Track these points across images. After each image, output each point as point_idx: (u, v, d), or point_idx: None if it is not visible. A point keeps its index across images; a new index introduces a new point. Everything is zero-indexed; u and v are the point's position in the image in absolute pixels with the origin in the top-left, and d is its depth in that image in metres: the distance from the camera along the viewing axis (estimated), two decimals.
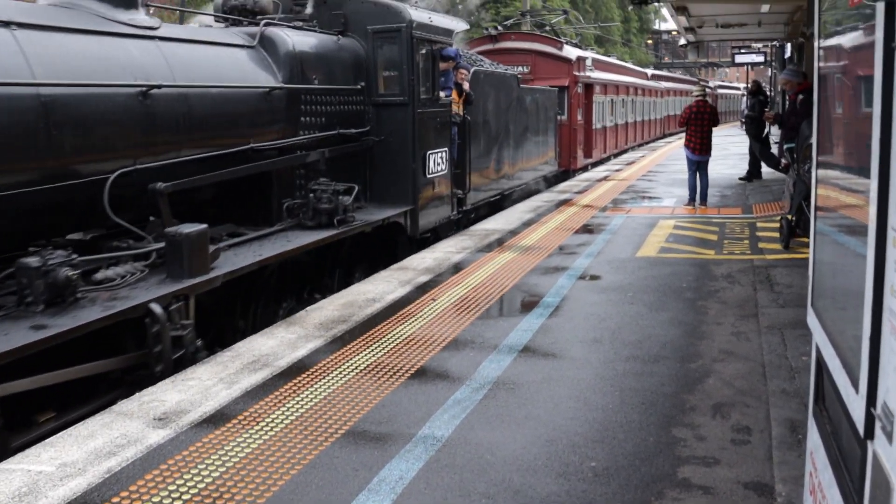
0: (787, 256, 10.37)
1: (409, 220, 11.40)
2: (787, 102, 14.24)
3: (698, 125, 15.10)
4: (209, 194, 8.87)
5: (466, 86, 13.23)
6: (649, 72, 42.43)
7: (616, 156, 29.52)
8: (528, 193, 17.99)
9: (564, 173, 22.25)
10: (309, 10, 11.28)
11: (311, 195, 9.61)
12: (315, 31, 10.72)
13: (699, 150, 15.12)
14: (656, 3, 16.84)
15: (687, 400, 5.61)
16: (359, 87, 11.04)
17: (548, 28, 37.48)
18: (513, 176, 16.73)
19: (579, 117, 23.65)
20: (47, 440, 5.12)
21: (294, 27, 10.31)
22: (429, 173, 11.74)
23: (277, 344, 7.04)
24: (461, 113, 13.08)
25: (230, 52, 9.07)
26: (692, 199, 15.39)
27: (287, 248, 8.61)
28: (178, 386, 6.07)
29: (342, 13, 11.15)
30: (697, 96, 15.57)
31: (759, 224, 12.95)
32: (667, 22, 73.93)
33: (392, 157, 11.33)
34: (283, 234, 9.17)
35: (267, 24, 9.80)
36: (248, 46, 9.39)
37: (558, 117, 20.96)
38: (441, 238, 12.46)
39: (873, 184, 2.13)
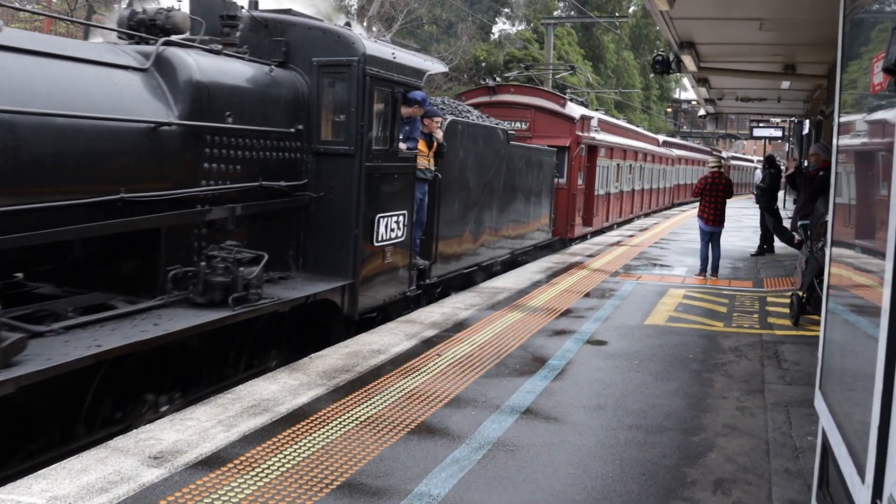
0: (796, 333, 10.30)
1: (346, 296, 9.27)
2: (806, 175, 14.29)
3: (712, 196, 15.14)
4: (81, 253, 7.21)
5: (439, 135, 11.47)
6: (660, 137, 40.48)
7: (619, 225, 27.96)
8: (512, 265, 16.26)
9: (560, 242, 20.69)
10: (239, 33, 9.11)
11: (204, 263, 7.55)
12: (240, 57, 8.65)
13: (712, 221, 15.13)
14: (678, 73, 16.89)
15: (688, 473, 5.54)
16: (293, 130, 8.98)
17: (569, 90, 36.43)
18: (495, 244, 15.00)
19: (580, 181, 21.83)
20: (39, 472, 5.08)
21: (208, 49, 8.20)
22: (378, 240, 9.70)
23: (279, 389, 7.00)
24: (432, 168, 11.41)
25: (107, 74, 6.99)
26: (703, 270, 15.36)
27: (143, 336, 6.42)
28: (176, 425, 6.02)
29: (283, 40, 9.27)
30: (713, 167, 15.61)
31: (769, 298, 12.89)
32: (687, 91, 74.55)
33: (332, 218, 9.30)
34: (156, 313, 7.08)
35: (167, 44, 7.72)
36: (138, 69, 7.35)
37: (556, 180, 19.63)
38: (391, 318, 10.55)
39: (888, 265, 2.11)
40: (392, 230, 10.02)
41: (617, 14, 56.23)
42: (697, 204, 15.78)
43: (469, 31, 43.93)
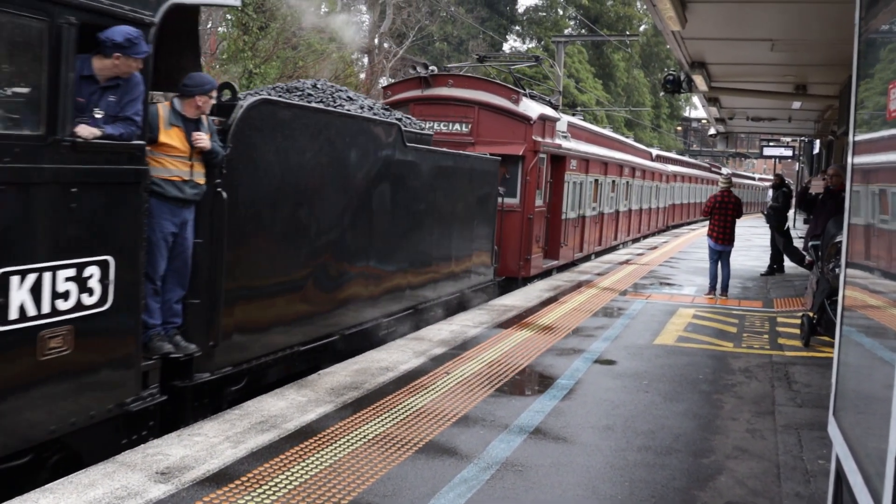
0: (806, 354, 10.24)
1: None
2: (819, 194, 14.30)
3: (722, 215, 15.10)
4: None
5: (206, 122, 6.84)
6: (654, 151, 36.41)
7: (598, 254, 23.24)
8: (416, 325, 11.34)
9: (508, 283, 15.79)
10: None
11: None
12: None
13: (721, 240, 15.11)
14: (689, 93, 16.91)
15: (698, 497, 5.49)
16: None
17: (579, 108, 36.22)
18: (377, 298, 10.10)
19: (539, 202, 16.60)
20: (46, 486, 5.07)
21: None
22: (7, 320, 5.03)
23: (287, 406, 6.98)
24: (199, 181, 6.75)
25: None
26: (713, 289, 15.33)
27: None
28: (183, 441, 6.01)
29: None
30: (723, 187, 15.60)
31: (779, 319, 12.83)
32: (697, 110, 74.60)
33: None
34: None
35: None
36: None
37: (501, 200, 14.94)
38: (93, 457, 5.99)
39: None
40: (65, 296, 5.41)
41: (627, 32, 56.34)
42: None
43: (480, 49, 44.02)
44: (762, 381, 8.79)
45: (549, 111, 17.50)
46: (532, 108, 16.33)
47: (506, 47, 54.35)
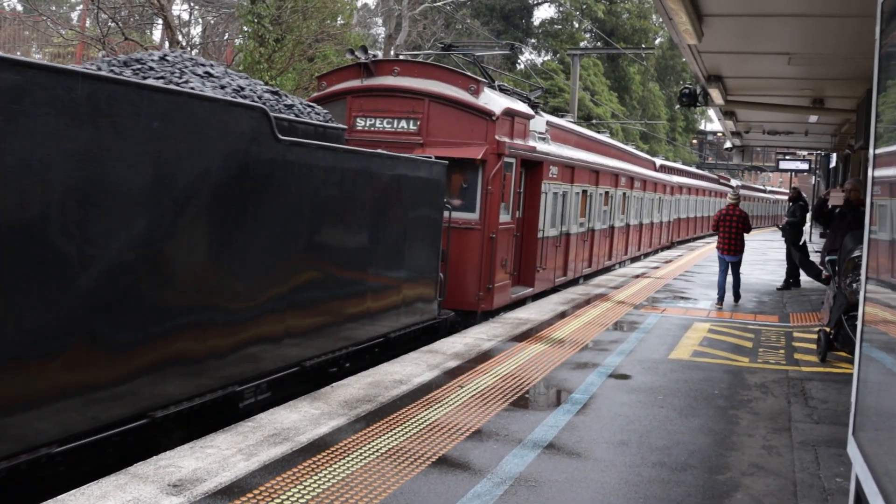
0: (823, 370, 10.16)
1: None
2: (836, 207, 14.24)
3: (727, 228, 15.79)
4: None
5: None
6: (658, 161, 33.45)
7: (588, 277, 20.25)
8: (305, 386, 8.47)
9: (463, 318, 12.83)
10: None
11: None
12: None
13: (727, 251, 15.79)
14: (704, 106, 16.81)
15: None
16: None
17: (595, 121, 35.79)
18: (223, 358, 7.16)
19: (505, 216, 13.70)
20: (59, 497, 5.06)
21: None
22: None
23: (300, 418, 6.96)
24: None
25: None
26: (720, 300, 15.75)
27: None
28: (196, 453, 6.00)
29: None
30: (730, 202, 16.14)
31: (795, 334, 12.74)
32: (713, 123, 74.43)
33: None
34: None
35: None
36: None
37: (449, 215, 12.07)
38: None
39: None
40: None
41: (643, 45, 56.31)
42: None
43: (495, 61, 44.08)
44: (778, 397, 8.72)
45: (519, 106, 14.55)
46: (495, 101, 13.46)
47: (521, 59, 54.46)
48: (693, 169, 47.66)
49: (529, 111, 15.15)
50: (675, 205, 34.96)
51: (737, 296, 15.98)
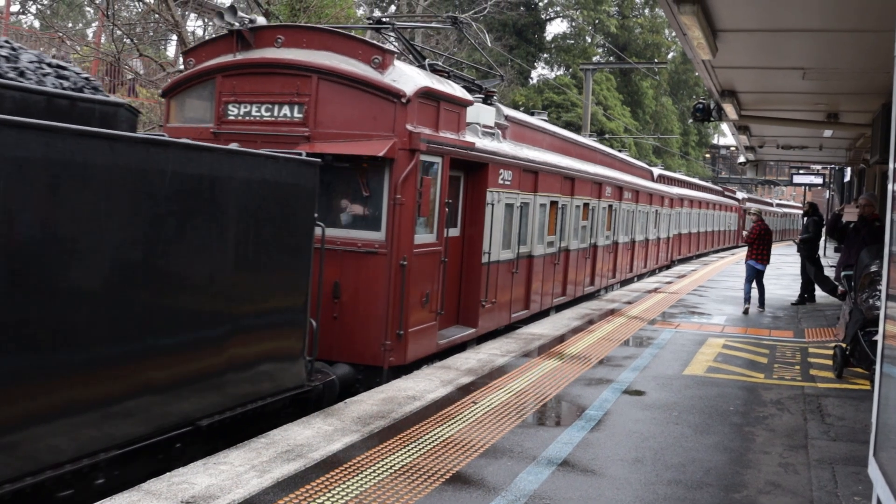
0: (839, 386, 10.07)
1: None
2: (850, 222, 14.20)
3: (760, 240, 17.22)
4: None
5: None
6: (655, 171, 30.24)
7: (560, 308, 16.58)
8: None
9: (368, 376, 9.62)
10: None
11: None
12: None
13: (757, 260, 17.21)
14: (718, 121, 16.72)
15: None
16: None
17: (608, 137, 35.35)
18: None
19: (426, 235, 10.39)
20: None
21: None
22: None
23: (313, 434, 6.95)
24: None
25: None
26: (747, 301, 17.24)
27: None
28: (209, 469, 5.99)
29: None
30: (755, 219, 17.57)
31: (811, 350, 12.65)
32: (726, 137, 74.37)
33: None
34: None
35: None
36: None
37: (322, 234, 8.55)
38: None
39: None
40: None
41: (656, 60, 56.32)
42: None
43: (508, 76, 44.18)
44: (794, 414, 8.65)
45: (447, 87, 10.92)
46: (408, 78, 9.90)
47: (534, 74, 54.56)
48: (696, 180, 44.18)
49: (464, 95, 11.34)
50: (676, 219, 31.75)
51: (761, 302, 17.33)
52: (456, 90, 11.15)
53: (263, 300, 7.52)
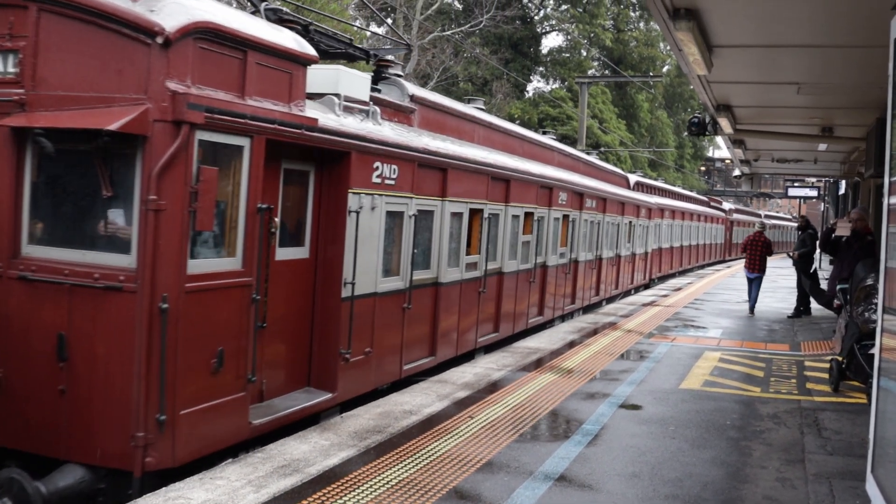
0: (836, 400, 10.08)
1: None
2: (842, 238, 14.25)
3: (752, 250, 19.62)
4: None
5: None
6: (633, 177, 27.79)
7: (489, 349, 12.99)
8: None
9: (118, 480, 6.23)
10: None
11: None
12: None
13: (751, 269, 19.71)
14: (713, 135, 16.72)
15: None
16: None
17: (603, 150, 35.24)
18: None
19: (210, 260, 6.74)
20: None
21: None
22: None
23: (310, 449, 6.93)
24: None
25: None
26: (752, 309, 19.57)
27: None
28: (205, 484, 5.98)
29: None
30: (757, 229, 20.39)
31: (807, 363, 12.66)
32: (721, 150, 74.55)
33: None
34: None
35: None
36: None
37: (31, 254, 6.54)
38: None
39: None
40: None
41: (651, 73, 56.52)
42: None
43: (504, 89, 44.29)
44: (791, 428, 8.65)
45: (265, 30, 7.26)
46: (177, 6, 6.40)
47: (530, 88, 54.66)
48: (679, 189, 41.44)
49: (297, 47, 7.50)
50: (655, 231, 28.48)
51: (751, 308, 19.51)
52: (282, 38, 7.36)
53: None
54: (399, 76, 10.81)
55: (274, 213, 7.57)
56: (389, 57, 11.10)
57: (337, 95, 8.63)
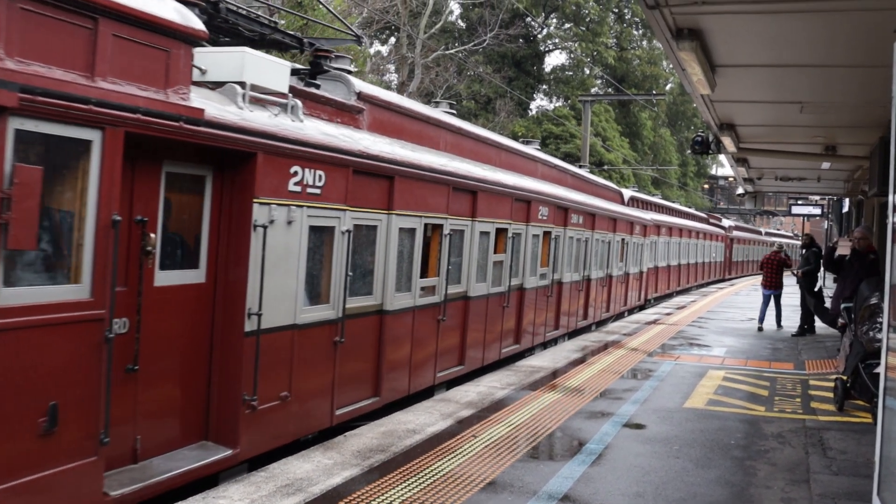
0: (841, 419, 10.04)
1: None
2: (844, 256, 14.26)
3: (769, 267, 20.31)
4: None
5: None
6: (627, 192, 26.65)
7: (451, 384, 11.53)
8: None
9: None
10: None
11: None
12: None
13: (768, 286, 20.47)
14: (717, 154, 16.70)
15: None
16: None
17: (606, 168, 35.34)
18: None
19: (41, 289, 5.18)
20: None
21: None
22: None
23: (313, 468, 6.92)
24: None
25: None
26: (760, 322, 20.40)
27: None
28: (208, 503, 5.96)
29: None
30: (775, 249, 21.12)
31: (811, 382, 12.62)
32: (724, 167, 74.53)
33: None
34: None
35: None
36: None
37: None
38: None
39: None
40: None
41: (654, 91, 56.63)
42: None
43: (507, 107, 44.42)
44: (796, 448, 8.61)
45: None
46: None
47: (533, 106, 54.79)
48: (677, 205, 39.78)
49: (182, 19, 6.16)
50: (651, 249, 27.20)
51: (778, 323, 20.38)
52: (155, 7, 5.90)
53: None
54: (345, 70, 9.26)
55: (151, 228, 6.21)
56: (340, 52, 9.56)
57: (241, 84, 7.08)
